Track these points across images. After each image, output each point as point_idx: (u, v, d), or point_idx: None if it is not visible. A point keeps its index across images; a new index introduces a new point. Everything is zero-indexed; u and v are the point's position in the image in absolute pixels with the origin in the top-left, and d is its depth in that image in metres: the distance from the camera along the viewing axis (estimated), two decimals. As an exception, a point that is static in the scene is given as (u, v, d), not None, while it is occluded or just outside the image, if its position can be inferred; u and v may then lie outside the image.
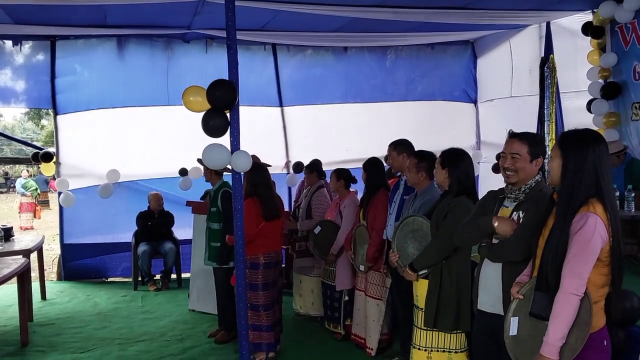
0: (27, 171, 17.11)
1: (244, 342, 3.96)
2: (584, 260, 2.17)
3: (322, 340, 5.07)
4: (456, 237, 3.01)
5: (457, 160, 3.37)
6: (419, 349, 3.48)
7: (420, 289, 3.45)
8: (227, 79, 3.85)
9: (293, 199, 7.40)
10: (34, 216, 15.47)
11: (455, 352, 3.40)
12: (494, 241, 2.78)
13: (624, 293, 3.20)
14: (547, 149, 6.38)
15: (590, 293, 2.20)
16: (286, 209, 6.74)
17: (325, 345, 4.96)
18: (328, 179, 5.66)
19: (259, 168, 4.52)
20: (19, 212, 15.23)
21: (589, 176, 2.22)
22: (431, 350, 3.41)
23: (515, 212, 2.73)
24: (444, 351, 3.39)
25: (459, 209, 3.19)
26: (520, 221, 2.69)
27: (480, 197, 3.17)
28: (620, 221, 2.27)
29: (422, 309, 3.42)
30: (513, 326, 2.37)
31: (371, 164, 4.67)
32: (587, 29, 6.57)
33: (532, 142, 2.74)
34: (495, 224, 2.71)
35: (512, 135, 2.80)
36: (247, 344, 3.99)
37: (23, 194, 15.29)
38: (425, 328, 3.40)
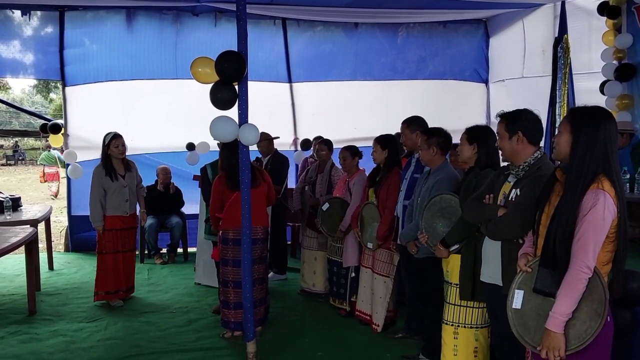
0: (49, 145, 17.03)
1: (249, 314, 3.98)
2: (596, 237, 2.16)
3: (326, 316, 5.09)
4: (463, 211, 3.01)
5: (485, 135, 3.35)
6: (446, 323, 3.52)
7: (452, 265, 3.44)
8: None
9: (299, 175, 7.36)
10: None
11: (482, 327, 3.44)
12: None
13: (630, 273, 3.19)
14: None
15: (599, 270, 2.19)
16: (293, 186, 6.74)
17: (330, 320, 4.99)
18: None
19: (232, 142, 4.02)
20: (45, 181, 15.12)
21: (599, 153, 2.21)
22: (458, 326, 3.45)
23: (514, 189, 2.76)
24: (470, 327, 3.44)
25: (486, 181, 3.13)
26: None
27: None
28: (625, 198, 2.26)
29: (454, 284, 3.42)
30: (517, 299, 2.35)
31: (391, 141, 4.55)
32: (603, 8, 6.47)
33: (508, 119, 2.80)
34: (500, 214, 2.75)
35: (497, 116, 2.88)
36: (252, 317, 4.01)
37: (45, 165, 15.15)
38: (455, 303, 3.43)
